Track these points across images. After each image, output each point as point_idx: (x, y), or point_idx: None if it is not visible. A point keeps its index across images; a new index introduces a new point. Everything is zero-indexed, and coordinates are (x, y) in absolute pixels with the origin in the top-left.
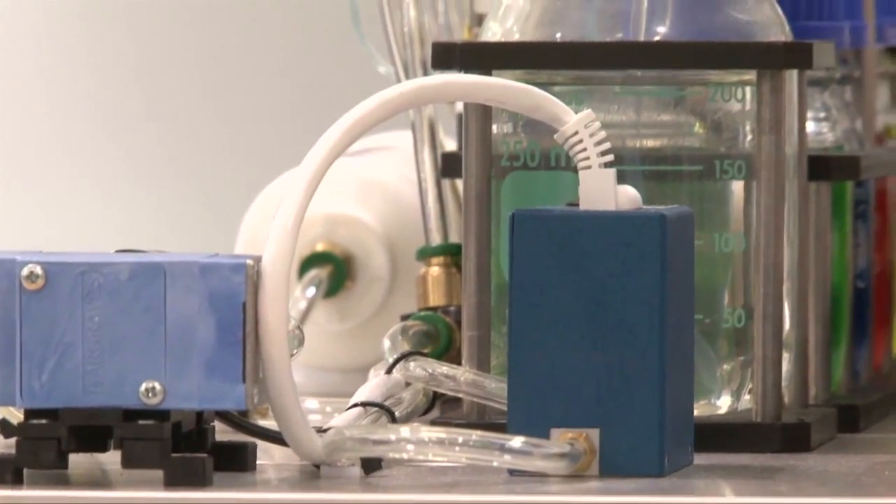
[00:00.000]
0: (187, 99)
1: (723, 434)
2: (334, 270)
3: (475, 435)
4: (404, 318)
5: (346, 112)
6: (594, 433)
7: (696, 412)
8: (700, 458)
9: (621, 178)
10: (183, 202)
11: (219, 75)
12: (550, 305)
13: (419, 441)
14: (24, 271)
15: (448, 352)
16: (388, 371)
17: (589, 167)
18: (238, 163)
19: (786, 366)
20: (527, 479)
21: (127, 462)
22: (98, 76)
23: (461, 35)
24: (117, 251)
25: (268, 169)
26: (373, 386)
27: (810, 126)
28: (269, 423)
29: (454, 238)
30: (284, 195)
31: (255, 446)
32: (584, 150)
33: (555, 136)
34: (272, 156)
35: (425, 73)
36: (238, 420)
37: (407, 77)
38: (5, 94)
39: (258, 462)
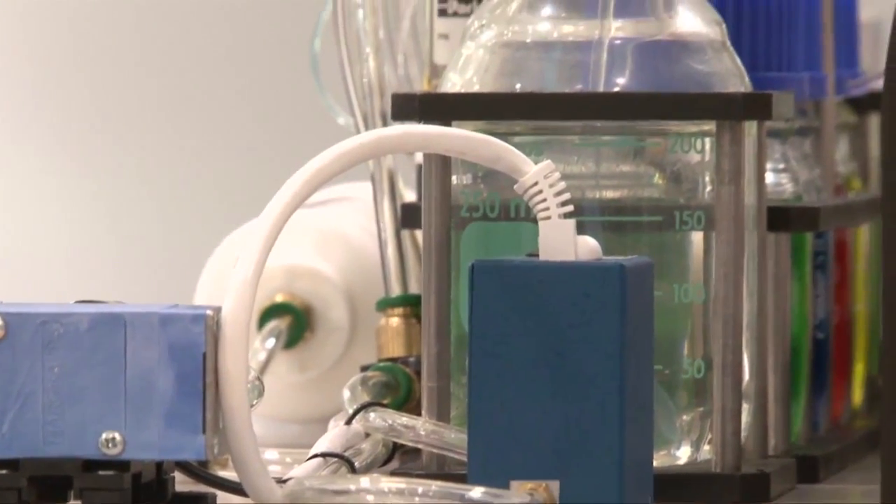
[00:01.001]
0: (145, 150)
1: (682, 484)
2: (294, 321)
3: (435, 485)
4: (364, 368)
5: (306, 163)
6: (554, 484)
7: (655, 463)
8: None
9: (581, 229)
10: (143, 252)
11: (177, 127)
12: (510, 356)
13: (379, 491)
14: None
15: (408, 402)
16: (348, 422)
17: (549, 218)
18: (198, 213)
19: (745, 416)
20: None
21: None
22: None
23: (421, 86)
24: (77, 302)
25: (228, 220)
26: (332, 436)
27: (770, 177)
28: (229, 474)
29: (414, 289)
30: (244, 246)
31: (214, 497)
32: (544, 200)
33: (514, 186)
34: (232, 207)
35: (385, 125)
36: (198, 470)
37: (366, 128)
38: None
39: None
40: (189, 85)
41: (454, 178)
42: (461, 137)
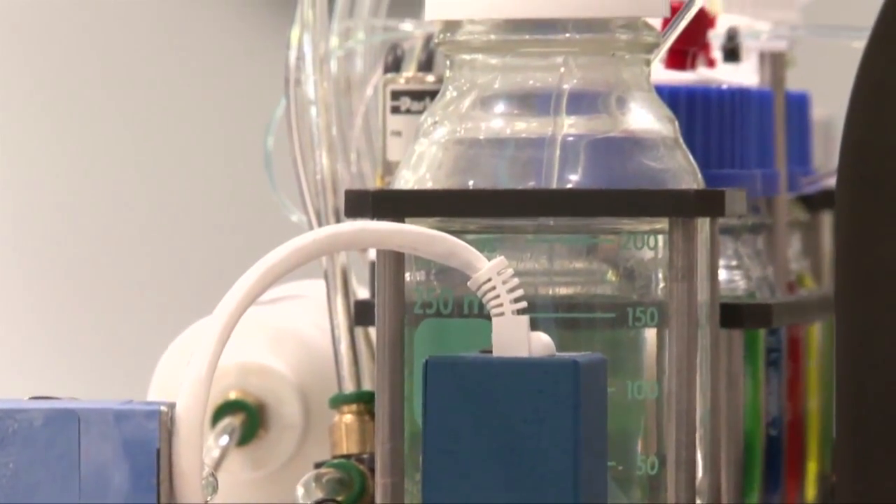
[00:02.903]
0: (101, 246)
1: None
2: (247, 419)
3: None
4: (318, 465)
5: (259, 260)
6: None
7: None
8: None
9: (534, 326)
10: (97, 349)
11: (133, 223)
12: (464, 452)
13: None
14: None
15: (362, 499)
16: None
17: (502, 314)
18: (152, 309)
19: None
20: None
21: None
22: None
23: (374, 183)
24: (31, 398)
25: (181, 316)
26: None
27: (722, 274)
28: None
29: (367, 385)
30: (198, 343)
31: None
32: (498, 297)
33: (468, 283)
34: (186, 304)
35: (338, 222)
36: None
37: (320, 225)
38: None
39: None
40: (144, 182)
41: (407, 275)
42: (414, 234)
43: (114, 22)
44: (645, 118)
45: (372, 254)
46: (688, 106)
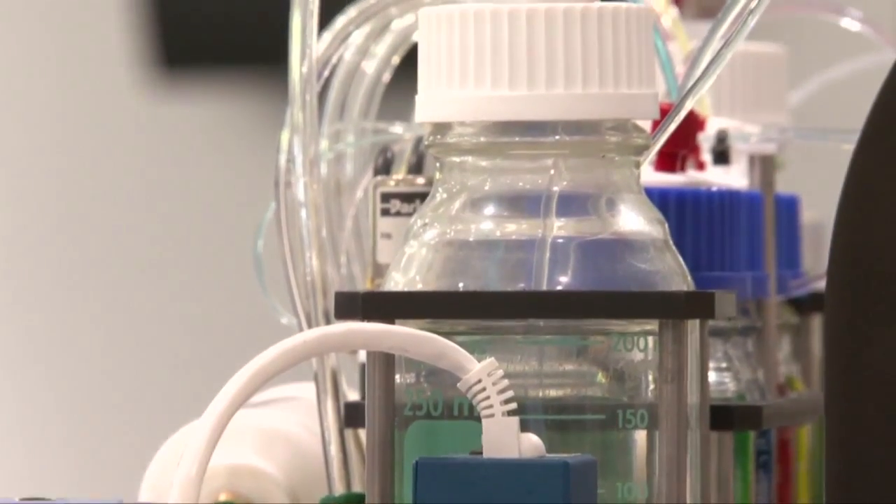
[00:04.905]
0: (92, 349)
1: None
2: None
3: None
4: None
5: (248, 362)
6: None
7: None
8: None
9: (524, 427)
10: (88, 449)
11: (123, 330)
12: None
13: None
14: None
15: None
16: None
17: (492, 415)
18: (142, 412)
19: None
20: None
21: None
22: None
23: (364, 285)
24: (22, 499)
25: (171, 419)
26: None
27: (712, 376)
28: None
29: (357, 488)
30: (187, 444)
31: None
32: (488, 398)
33: (458, 384)
34: (175, 406)
35: (328, 324)
36: None
37: (309, 327)
38: None
39: None
40: (136, 284)
41: (397, 377)
42: (404, 335)
43: (100, 126)
44: (635, 220)
45: (362, 356)
46: (677, 208)
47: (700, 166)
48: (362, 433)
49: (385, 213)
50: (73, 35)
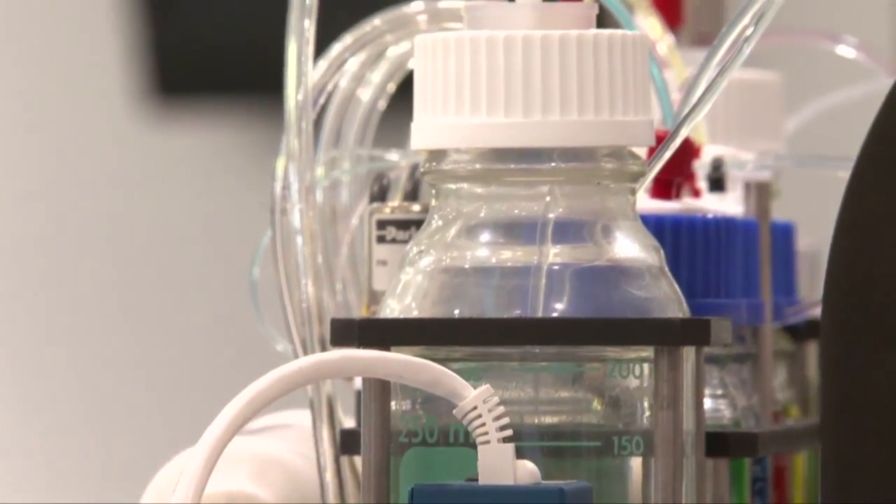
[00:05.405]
0: (87, 374)
1: None
2: None
3: None
4: None
5: (244, 389)
6: None
7: None
8: None
9: (520, 454)
10: (84, 477)
11: (118, 358)
12: None
13: None
14: None
15: None
16: None
17: (488, 442)
18: (137, 439)
19: None
20: None
21: None
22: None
23: (359, 312)
24: None
25: (166, 446)
26: None
27: (708, 403)
28: None
29: None
30: (183, 471)
31: None
32: (483, 425)
33: (454, 411)
34: (170, 433)
35: (324, 351)
36: None
37: (305, 354)
38: None
39: None
40: (130, 311)
41: (393, 404)
42: (400, 362)
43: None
44: (630, 247)
45: (358, 382)
46: (673, 235)
47: (695, 193)
48: (358, 460)
49: (381, 240)
50: (70, 63)
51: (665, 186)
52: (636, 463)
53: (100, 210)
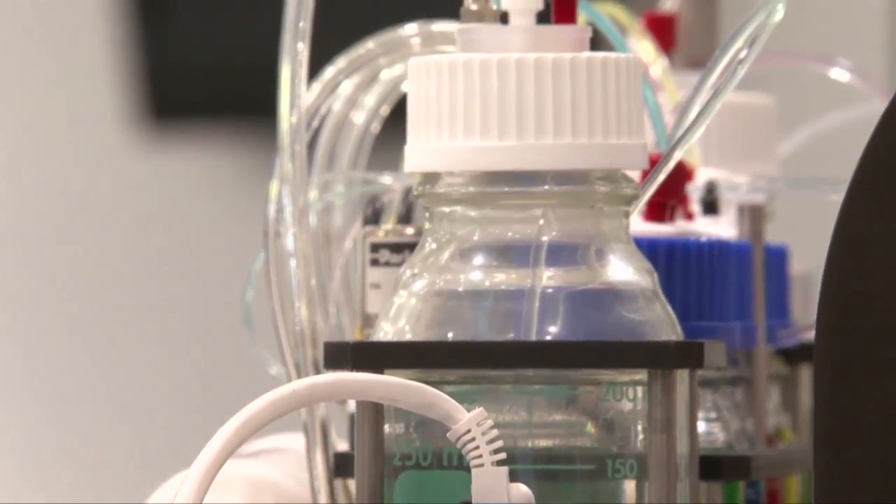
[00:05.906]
0: (81, 397)
1: None
2: None
3: None
4: None
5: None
6: None
7: None
8: None
9: (514, 477)
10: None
11: (111, 380)
12: None
13: None
14: None
15: None
16: None
17: (481, 465)
18: (130, 463)
19: None
20: None
21: None
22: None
23: (353, 335)
24: None
25: (160, 469)
26: None
27: (701, 426)
28: None
29: None
30: (177, 494)
31: None
32: (477, 448)
33: (447, 434)
34: (164, 456)
35: (317, 374)
36: None
37: (299, 377)
38: None
39: None
40: (124, 335)
41: (387, 427)
42: (394, 385)
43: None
44: (624, 270)
45: (351, 406)
46: (667, 258)
47: (689, 216)
48: (352, 483)
49: (374, 263)
50: (63, 87)
51: (659, 209)
52: (630, 486)
53: (94, 233)
